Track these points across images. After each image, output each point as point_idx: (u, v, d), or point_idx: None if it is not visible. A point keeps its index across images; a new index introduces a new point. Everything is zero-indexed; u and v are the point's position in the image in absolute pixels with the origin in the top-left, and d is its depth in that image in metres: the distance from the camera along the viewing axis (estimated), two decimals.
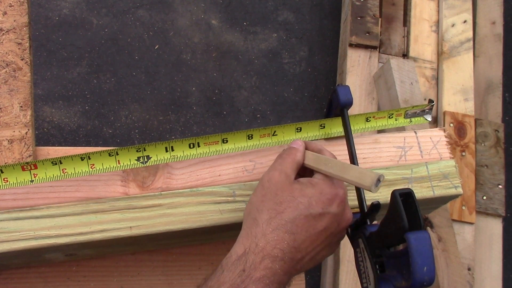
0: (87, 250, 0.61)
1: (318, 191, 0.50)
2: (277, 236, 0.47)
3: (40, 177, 0.52)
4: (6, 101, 0.58)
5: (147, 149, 0.56)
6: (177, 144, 0.57)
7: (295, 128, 0.61)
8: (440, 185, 0.63)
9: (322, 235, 0.49)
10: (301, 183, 0.51)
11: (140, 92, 1.65)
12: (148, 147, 0.56)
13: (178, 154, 0.57)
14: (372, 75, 1.45)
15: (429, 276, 0.42)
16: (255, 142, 0.60)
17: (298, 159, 0.54)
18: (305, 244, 0.48)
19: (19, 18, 0.59)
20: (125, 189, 0.58)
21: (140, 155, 0.55)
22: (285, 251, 0.47)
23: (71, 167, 0.53)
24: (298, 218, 0.48)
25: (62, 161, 0.53)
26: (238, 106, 1.70)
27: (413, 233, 0.43)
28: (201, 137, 0.57)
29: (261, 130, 0.60)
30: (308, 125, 0.62)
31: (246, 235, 0.49)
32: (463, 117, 1.37)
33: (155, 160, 0.56)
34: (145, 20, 1.74)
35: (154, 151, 0.56)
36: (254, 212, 0.50)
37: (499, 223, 1.33)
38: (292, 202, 0.49)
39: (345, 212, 0.52)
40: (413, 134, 0.67)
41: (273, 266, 0.46)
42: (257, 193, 0.52)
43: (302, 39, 1.83)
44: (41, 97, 1.58)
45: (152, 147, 0.56)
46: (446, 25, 1.50)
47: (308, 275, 1.49)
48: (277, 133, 0.60)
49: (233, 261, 0.47)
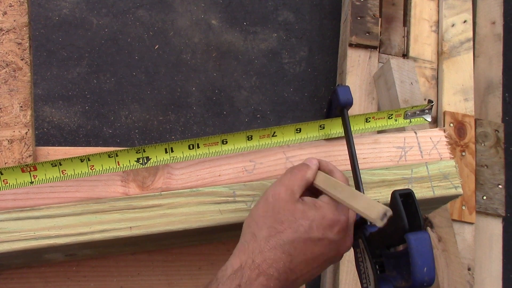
0: (87, 250, 0.61)
1: (320, 215, 0.49)
2: (274, 255, 0.47)
3: (39, 178, 0.53)
4: (6, 101, 0.58)
5: (147, 150, 0.56)
6: (177, 145, 0.57)
7: (294, 129, 0.61)
8: (440, 185, 0.63)
9: (319, 259, 0.49)
10: (305, 204, 0.50)
11: (140, 92, 1.65)
12: (148, 148, 0.56)
13: (177, 155, 0.57)
14: (372, 75, 1.45)
15: (429, 277, 0.42)
16: (254, 143, 0.60)
17: (308, 177, 0.52)
18: (300, 266, 0.48)
19: (19, 18, 0.59)
20: (125, 189, 0.58)
21: (140, 156, 0.55)
22: (281, 271, 0.47)
23: (71, 169, 0.53)
24: (297, 241, 0.48)
25: (62, 163, 0.53)
26: (238, 106, 1.69)
27: (413, 234, 0.43)
28: (200, 138, 0.57)
29: (260, 131, 0.60)
30: (308, 126, 0.62)
31: (243, 249, 0.48)
32: (463, 117, 1.37)
33: (154, 161, 0.56)
34: (145, 20, 1.74)
35: (154, 152, 0.56)
36: (254, 226, 0.50)
37: (499, 223, 1.33)
38: (293, 223, 0.48)
39: (345, 240, 0.51)
40: (413, 134, 0.67)
41: (268, 284, 0.46)
42: (259, 207, 0.51)
43: (302, 39, 1.83)
44: (41, 97, 1.58)
45: (152, 148, 0.56)
46: (446, 25, 1.50)
47: None
48: (276, 134, 0.60)
49: (228, 275, 0.47)
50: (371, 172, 0.63)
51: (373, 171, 0.63)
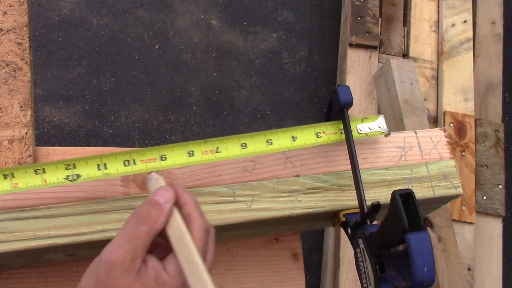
0: (87, 250, 0.61)
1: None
2: None
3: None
4: (6, 101, 0.58)
5: (78, 166, 0.51)
6: (111, 160, 0.52)
7: (265, 140, 0.56)
8: (440, 185, 0.63)
9: None
10: (145, 279, 0.38)
11: (140, 92, 1.65)
12: (79, 163, 0.51)
13: (111, 172, 0.52)
14: (372, 75, 1.45)
15: (429, 277, 0.42)
16: (196, 159, 0.54)
17: (157, 227, 0.40)
18: None
19: (19, 18, 0.59)
20: (125, 189, 0.58)
21: (70, 173, 0.51)
22: None
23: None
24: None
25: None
26: (238, 106, 1.70)
27: (413, 234, 0.43)
28: (137, 152, 0.52)
29: (202, 145, 0.54)
30: (278, 136, 0.57)
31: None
32: (463, 117, 1.37)
33: (85, 178, 0.51)
34: (145, 20, 1.74)
35: (85, 168, 0.51)
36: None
37: (499, 223, 1.33)
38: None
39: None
40: (413, 134, 0.67)
41: None
42: (88, 279, 0.39)
43: (302, 39, 1.83)
44: (41, 97, 1.58)
45: (83, 164, 0.51)
46: (446, 25, 1.50)
47: (308, 275, 1.49)
48: (220, 150, 0.55)
49: None
50: (371, 172, 0.63)
51: (373, 171, 0.63)
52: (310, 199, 0.60)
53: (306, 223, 0.69)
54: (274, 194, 0.59)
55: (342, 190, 0.61)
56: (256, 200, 0.58)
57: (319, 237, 1.54)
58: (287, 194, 0.59)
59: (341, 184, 0.61)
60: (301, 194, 0.60)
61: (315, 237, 1.55)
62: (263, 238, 0.72)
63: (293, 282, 0.73)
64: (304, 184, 0.60)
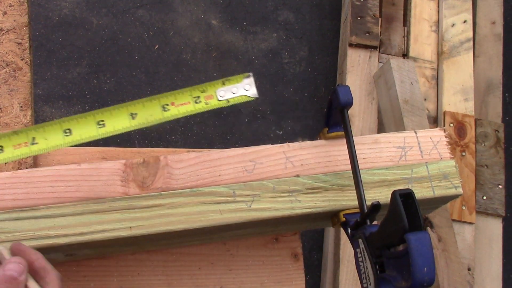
0: (87, 250, 0.61)
1: None
2: None
3: None
4: (6, 101, 0.58)
5: None
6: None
7: (95, 122, 0.51)
8: (440, 185, 0.63)
9: None
10: None
11: (140, 92, 1.65)
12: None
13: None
14: (372, 75, 1.45)
15: (429, 277, 0.42)
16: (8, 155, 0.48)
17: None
18: None
19: (19, 18, 0.59)
20: (125, 189, 0.58)
21: None
22: None
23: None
24: None
25: None
26: (238, 106, 1.69)
27: (413, 234, 0.43)
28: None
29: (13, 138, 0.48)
30: (112, 115, 0.51)
31: None
32: (463, 117, 1.37)
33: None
34: (145, 20, 1.74)
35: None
36: None
37: (499, 223, 1.33)
38: None
39: None
40: (413, 134, 0.67)
41: None
42: None
43: (302, 39, 1.83)
44: (41, 97, 1.58)
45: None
46: (446, 25, 1.50)
47: (308, 275, 1.49)
48: (37, 141, 0.49)
49: None
50: (371, 172, 0.63)
51: (373, 171, 0.63)
52: (310, 199, 0.60)
53: (306, 223, 0.69)
54: (274, 194, 0.59)
55: (342, 190, 0.61)
56: (256, 200, 0.58)
57: (319, 237, 1.54)
58: (287, 194, 0.59)
59: (341, 184, 0.61)
60: (301, 194, 0.60)
61: (315, 237, 1.55)
62: (263, 238, 0.72)
63: (293, 282, 0.73)
64: (304, 184, 0.60)
